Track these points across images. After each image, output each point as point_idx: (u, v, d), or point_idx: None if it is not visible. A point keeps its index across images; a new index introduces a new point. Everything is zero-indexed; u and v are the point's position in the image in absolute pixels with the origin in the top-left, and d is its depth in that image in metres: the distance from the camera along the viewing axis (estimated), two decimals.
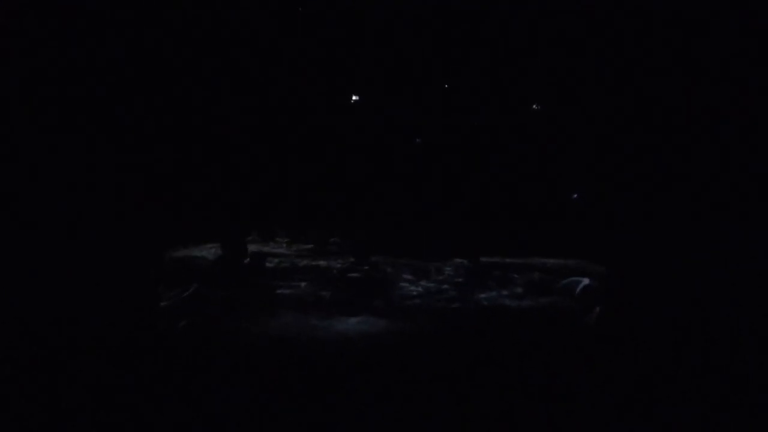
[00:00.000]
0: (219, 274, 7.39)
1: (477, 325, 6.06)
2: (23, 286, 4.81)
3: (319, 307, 6.56)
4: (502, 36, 6.42)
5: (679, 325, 5.83)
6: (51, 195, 5.12)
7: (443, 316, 6.35)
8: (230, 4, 6.04)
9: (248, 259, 7.95)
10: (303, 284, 7.47)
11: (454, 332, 5.79)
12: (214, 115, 6.52)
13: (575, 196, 7.67)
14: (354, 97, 7.49)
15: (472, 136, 7.18)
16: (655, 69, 6.19)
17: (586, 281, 7.42)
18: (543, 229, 7.36)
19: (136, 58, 5.58)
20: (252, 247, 8.51)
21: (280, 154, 7.10)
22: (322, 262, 8.41)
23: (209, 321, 5.88)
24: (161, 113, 5.95)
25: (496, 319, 6.29)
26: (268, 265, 8.06)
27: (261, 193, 7.04)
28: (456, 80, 6.97)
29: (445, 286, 7.46)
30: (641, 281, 6.63)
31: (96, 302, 5.08)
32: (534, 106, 7.33)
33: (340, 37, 6.50)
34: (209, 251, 8.20)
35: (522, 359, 5.01)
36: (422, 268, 7.98)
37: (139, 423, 3.65)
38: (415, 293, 7.20)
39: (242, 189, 6.93)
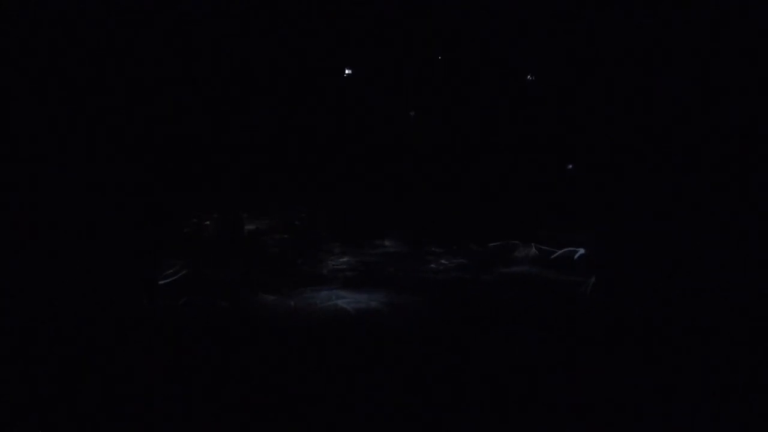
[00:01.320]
0: (216, 251, 7.39)
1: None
2: (21, 274, 4.83)
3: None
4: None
5: (668, 294, 5.91)
6: (50, 186, 5.14)
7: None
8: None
9: (245, 237, 7.94)
10: (300, 260, 7.49)
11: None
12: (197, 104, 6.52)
13: (570, 167, 7.72)
14: (347, 71, 7.45)
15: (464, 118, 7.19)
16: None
17: (582, 251, 7.48)
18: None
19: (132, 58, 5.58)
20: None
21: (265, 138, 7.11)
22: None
23: (207, 298, 5.90)
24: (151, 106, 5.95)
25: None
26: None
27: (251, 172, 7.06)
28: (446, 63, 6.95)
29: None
30: (633, 252, 6.68)
31: (96, 284, 5.10)
32: (528, 77, 7.32)
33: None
34: (205, 229, 8.16)
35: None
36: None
37: (144, 401, 3.69)
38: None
39: (235, 169, 6.93)
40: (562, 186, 7.53)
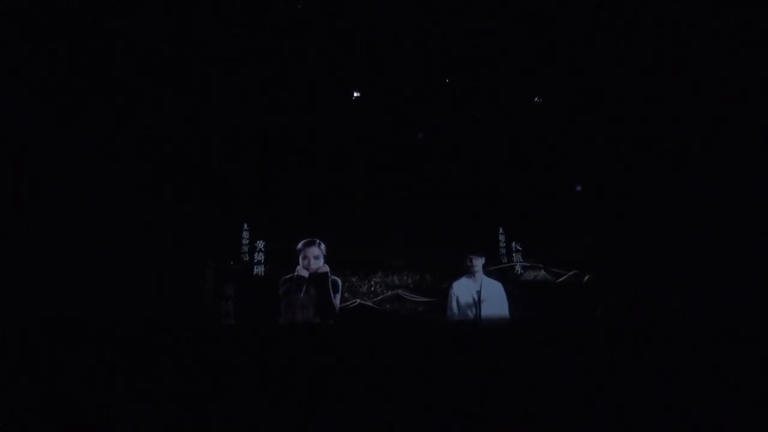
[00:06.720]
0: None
1: None
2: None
3: None
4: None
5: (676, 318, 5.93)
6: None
7: None
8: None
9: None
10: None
11: None
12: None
13: (578, 188, 7.71)
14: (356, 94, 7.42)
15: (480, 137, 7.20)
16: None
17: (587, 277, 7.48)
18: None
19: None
20: None
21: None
22: None
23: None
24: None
25: None
26: None
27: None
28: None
29: None
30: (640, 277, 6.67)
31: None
32: (536, 99, 7.34)
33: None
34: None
35: None
36: None
37: None
38: None
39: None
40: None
